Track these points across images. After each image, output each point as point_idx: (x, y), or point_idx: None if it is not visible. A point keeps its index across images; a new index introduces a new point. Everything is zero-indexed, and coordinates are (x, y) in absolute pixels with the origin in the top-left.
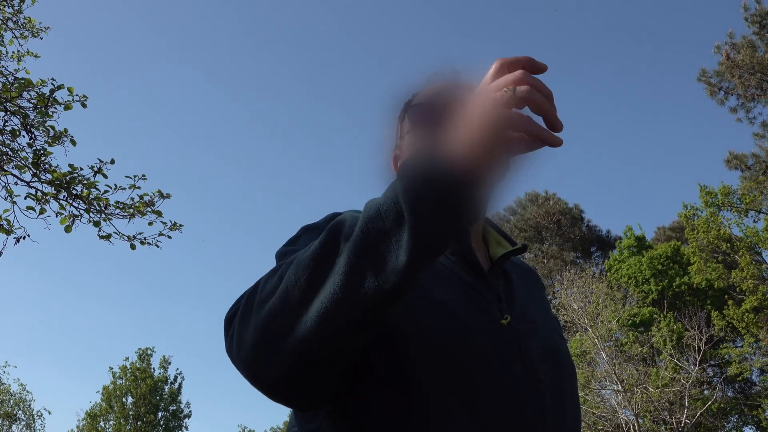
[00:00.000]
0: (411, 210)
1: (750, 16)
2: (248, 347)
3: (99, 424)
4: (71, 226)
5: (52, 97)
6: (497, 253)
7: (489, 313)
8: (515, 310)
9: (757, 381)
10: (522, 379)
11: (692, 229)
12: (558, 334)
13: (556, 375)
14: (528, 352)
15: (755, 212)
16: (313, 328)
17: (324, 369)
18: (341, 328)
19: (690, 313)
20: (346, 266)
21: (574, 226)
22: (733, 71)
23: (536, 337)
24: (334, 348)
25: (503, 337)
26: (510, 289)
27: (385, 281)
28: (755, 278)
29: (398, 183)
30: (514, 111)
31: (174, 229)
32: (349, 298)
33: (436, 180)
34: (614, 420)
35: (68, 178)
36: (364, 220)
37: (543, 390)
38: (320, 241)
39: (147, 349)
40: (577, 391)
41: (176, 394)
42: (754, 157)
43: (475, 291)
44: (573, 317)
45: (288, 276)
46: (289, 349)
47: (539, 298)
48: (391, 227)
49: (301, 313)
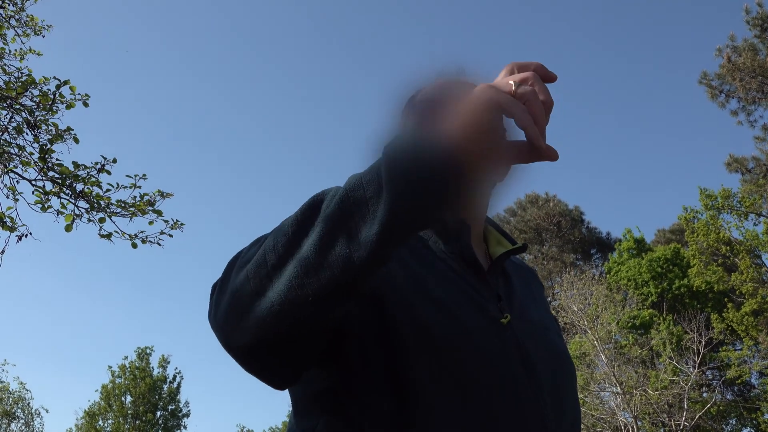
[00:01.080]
0: (389, 182)
1: (751, 19)
2: (222, 312)
3: (98, 422)
4: (72, 225)
5: (58, 92)
6: (497, 252)
7: (488, 312)
8: (515, 309)
9: (756, 384)
10: (521, 378)
11: (692, 232)
12: (557, 334)
13: (555, 375)
14: (527, 351)
15: (755, 215)
16: (283, 293)
17: (295, 341)
18: (310, 295)
19: (689, 316)
20: (321, 232)
21: (574, 227)
22: (734, 74)
23: (535, 336)
24: (304, 316)
25: (502, 336)
26: (509, 288)
27: (355, 250)
28: (755, 281)
29: (382, 155)
30: (511, 97)
31: (175, 227)
32: (319, 264)
33: (419, 155)
34: (613, 422)
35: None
36: (345, 188)
37: (542, 390)
38: (301, 208)
39: (146, 348)
40: (577, 392)
41: (175, 394)
42: (755, 160)
43: (475, 290)
44: (572, 319)
45: (267, 241)
46: (261, 314)
47: (539, 298)
48: (370, 197)
49: (274, 277)
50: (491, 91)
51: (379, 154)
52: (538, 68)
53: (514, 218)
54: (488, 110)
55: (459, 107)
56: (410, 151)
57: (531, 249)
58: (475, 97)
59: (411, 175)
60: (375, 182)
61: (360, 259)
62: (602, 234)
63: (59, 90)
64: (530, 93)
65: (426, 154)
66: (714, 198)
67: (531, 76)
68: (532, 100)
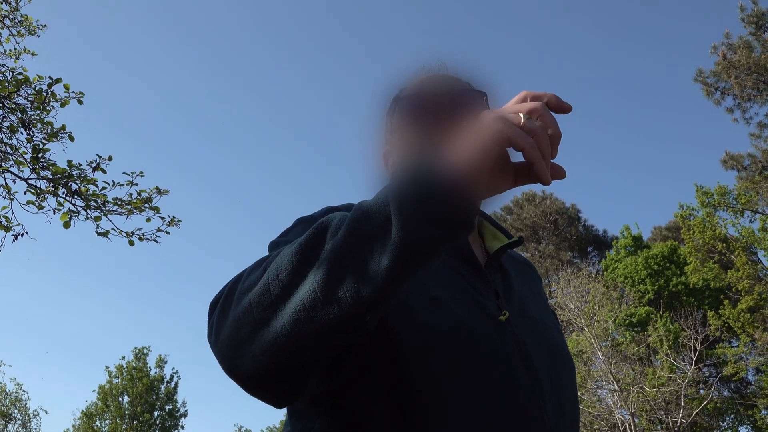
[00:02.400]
0: (400, 215)
1: (746, 16)
2: (225, 339)
3: (95, 423)
4: (70, 222)
5: (50, 91)
6: (493, 247)
7: (487, 309)
8: (513, 305)
9: (752, 381)
10: (521, 375)
11: (688, 229)
12: (556, 329)
13: (554, 371)
14: (527, 348)
15: (751, 212)
16: (289, 326)
17: (299, 368)
18: (317, 329)
19: (686, 313)
20: (327, 265)
21: (571, 225)
22: (729, 71)
23: (535, 333)
24: (310, 347)
25: (502, 333)
26: (507, 283)
27: (364, 286)
28: (751, 278)
29: (390, 186)
30: (521, 131)
31: (172, 224)
32: (326, 299)
33: (430, 189)
34: (610, 419)
35: (67, 174)
36: (352, 220)
37: (542, 386)
38: (306, 237)
39: (143, 348)
40: (576, 387)
41: (172, 393)
42: (750, 157)
43: (473, 286)
44: (569, 317)
45: (270, 269)
46: (264, 345)
47: (536, 293)
48: (377, 231)
49: (278, 308)
50: (501, 123)
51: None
52: (551, 100)
53: (510, 216)
54: (497, 143)
55: (468, 137)
56: (420, 184)
57: (528, 247)
58: (485, 128)
59: (421, 209)
60: (383, 215)
61: (369, 296)
62: (599, 232)
63: (51, 88)
64: (538, 128)
65: (436, 188)
66: (710, 195)
67: (540, 108)
68: (540, 134)
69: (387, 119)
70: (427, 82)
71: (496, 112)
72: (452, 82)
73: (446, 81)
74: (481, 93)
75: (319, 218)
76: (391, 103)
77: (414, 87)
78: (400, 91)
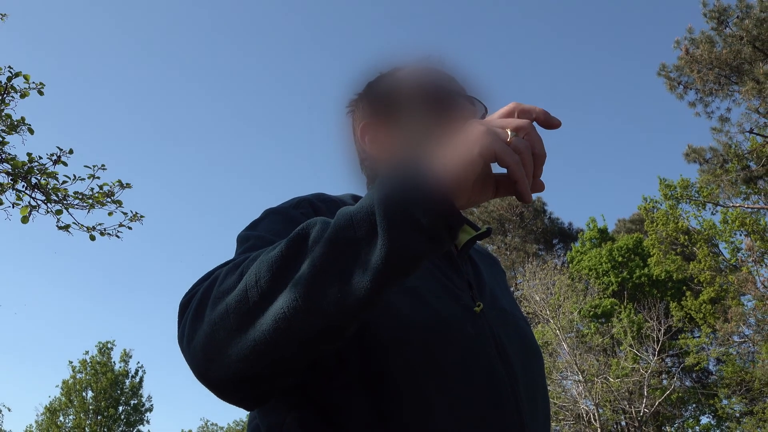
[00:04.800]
0: (386, 224)
1: (708, 11)
2: (198, 344)
3: (59, 419)
4: (28, 217)
5: (10, 84)
6: (462, 239)
7: (462, 300)
8: (486, 297)
9: (713, 371)
10: (497, 366)
11: (651, 222)
12: (525, 321)
13: (526, 362)
14: (501, 339)
15: (713, 205)
16: (268, 334)
17: (276, 376)
18: (298, 338)
19: (649, 305)
20: (309, 274)
21: (537, 218)
22: (692, 66)
23: (507, 324)
24: (288, 357)
25: (477, 324)
26: (478, 275)
27: (347, 296)
28: (712, 270)
29: (375, 194)
30: (507, 147)
31: (134, 219)
32: (308, 308)
33: (417, 197)
34: (575, 410)
35: (26, 167)
36: (335, 227)
37: (517, 377)
38: (286, 243)
39: (107, 342)
40: (545, 379)
41: (137, 388)
42: (712, 150)
43: (448, 278)
44: (535, 309)
45: (249, 275)
46: (241, 352)
47: (503, 285)
48: (362, 238)
49: (257, 316)
50: (489, 138)
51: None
52: (539, 116)
53: (477, 209)
54: (483, 158)
55: (455, 147)
56: (405, 193)
57: (494, 239)
58: (473, 141)
59: (408, 219)
60: (367, 222)
61: (353, 305)
62: (564, 224)
63: (10, 82)
64: (524, 147)
65: (423, 199)
66: (673, 188)
67: (527, 126)
68: (525, 153)
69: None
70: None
71: (484, 124)
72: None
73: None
74: (484, 107)
75: (289, 209)
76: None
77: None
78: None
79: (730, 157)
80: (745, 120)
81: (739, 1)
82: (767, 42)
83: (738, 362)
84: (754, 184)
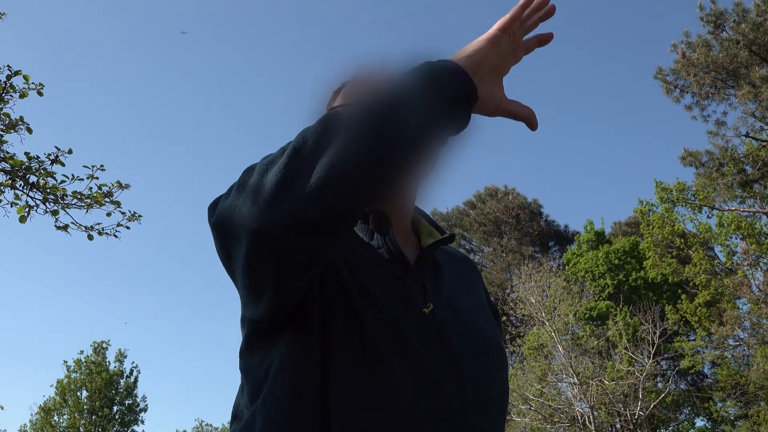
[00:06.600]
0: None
1: (705, 15)
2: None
3: (53, 418)
4: (26, 217)
5: (9, 83)
6: (426, 243)
7: (411, 302)
8: (440, 299)
9: (708, 374)
10: (443, 368)
11: (647, 225)
12: (487, 319)
13: (480, 362)
14: (450, 340)
15: (708, 208)
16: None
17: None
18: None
19: (645, 307)
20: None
21: (533, 220)
22: (688, 69)
23: (461, 324)
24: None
25: (425, 326)
26: (438, 278)
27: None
28: (708, 273)
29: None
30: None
31: (133, 219)
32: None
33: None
34: (570, 412)
35: (25, 167)
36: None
37: (464, 378)
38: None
39: (102, 342)
40: (507, 376)
41: (132, 388)
42: (708, 154)
43: (399, 281)
44: (531, 311)
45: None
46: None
47: (471, 285)
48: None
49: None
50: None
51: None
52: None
53: (473, 211)
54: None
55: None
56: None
57: (490, 242)
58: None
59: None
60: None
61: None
62: (560, 227)
63: (10, 81)
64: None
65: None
66: (669, 191)
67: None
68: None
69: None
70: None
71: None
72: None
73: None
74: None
75: None
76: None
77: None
78: (340, 86)
79: (726, 161)
80: (742, 124)
81: (736, 5)
82: (763, 46)
83: (733, 365)
84: (750, 188)
